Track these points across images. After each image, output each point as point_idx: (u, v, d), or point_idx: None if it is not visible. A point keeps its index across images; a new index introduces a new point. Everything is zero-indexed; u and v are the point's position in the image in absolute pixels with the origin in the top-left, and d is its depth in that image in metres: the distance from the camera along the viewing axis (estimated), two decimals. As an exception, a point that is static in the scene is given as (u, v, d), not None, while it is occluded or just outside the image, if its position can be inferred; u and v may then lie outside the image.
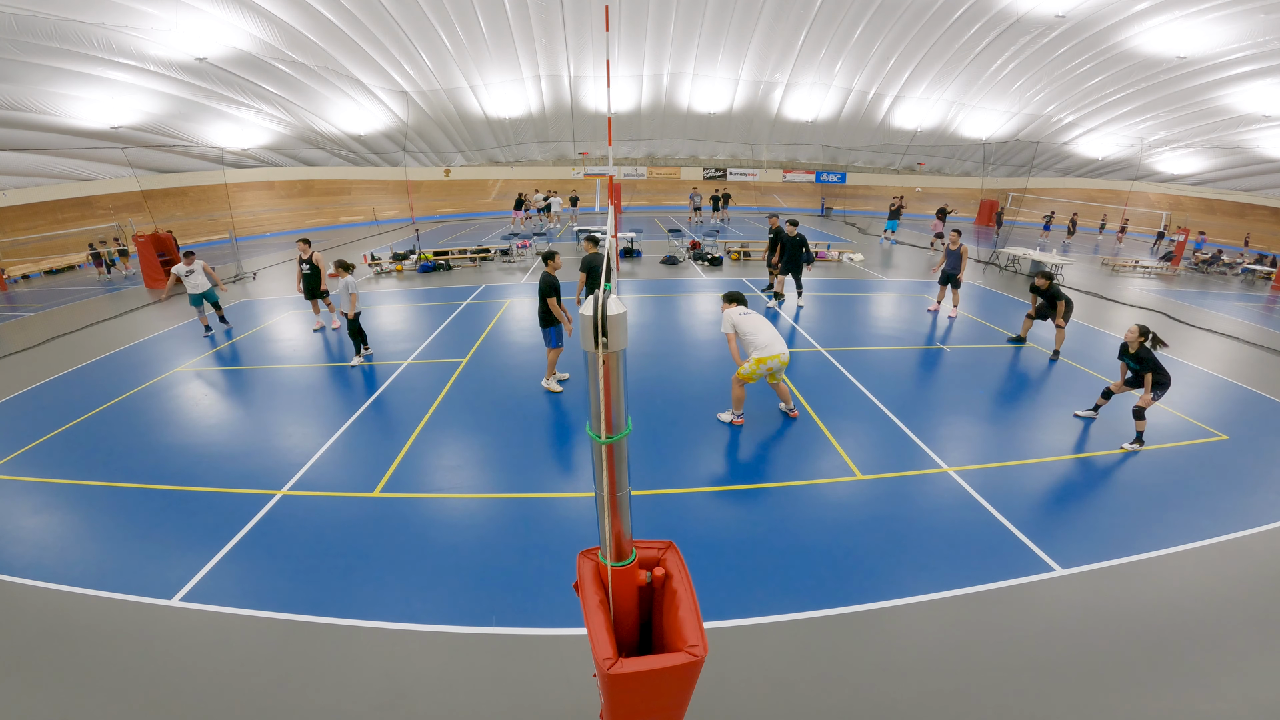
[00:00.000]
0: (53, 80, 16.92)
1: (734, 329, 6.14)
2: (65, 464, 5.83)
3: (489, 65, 23.51)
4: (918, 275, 14.80)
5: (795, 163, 34.03)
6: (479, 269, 15.65)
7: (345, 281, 8.13)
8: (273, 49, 19.67)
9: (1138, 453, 5.87)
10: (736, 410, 6.34)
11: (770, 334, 6.03)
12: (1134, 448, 5.90)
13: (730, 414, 6.41)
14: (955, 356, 8.67)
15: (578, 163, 31.60)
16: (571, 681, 3.29)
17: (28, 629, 3.74)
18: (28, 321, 12.17)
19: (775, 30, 22.64)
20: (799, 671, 3.36)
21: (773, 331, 6.07)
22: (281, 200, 28.35)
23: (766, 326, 6.09)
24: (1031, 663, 3.41)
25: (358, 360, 8.32)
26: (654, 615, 2.23)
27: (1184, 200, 29.76)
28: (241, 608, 3.86)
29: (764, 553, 4.33)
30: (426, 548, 4.45)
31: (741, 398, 6.29)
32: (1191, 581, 4.11)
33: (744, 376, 6.09)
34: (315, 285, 9.76)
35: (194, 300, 9.69)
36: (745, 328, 6.08)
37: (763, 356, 5.93)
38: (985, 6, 20.52)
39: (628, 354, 4.86)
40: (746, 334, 6.05)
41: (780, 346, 5.98)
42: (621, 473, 1.82)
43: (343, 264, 8.32)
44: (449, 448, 6.00)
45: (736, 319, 6.13)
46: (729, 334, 6.16)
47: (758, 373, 6.01)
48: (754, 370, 6.01)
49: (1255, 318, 12.17)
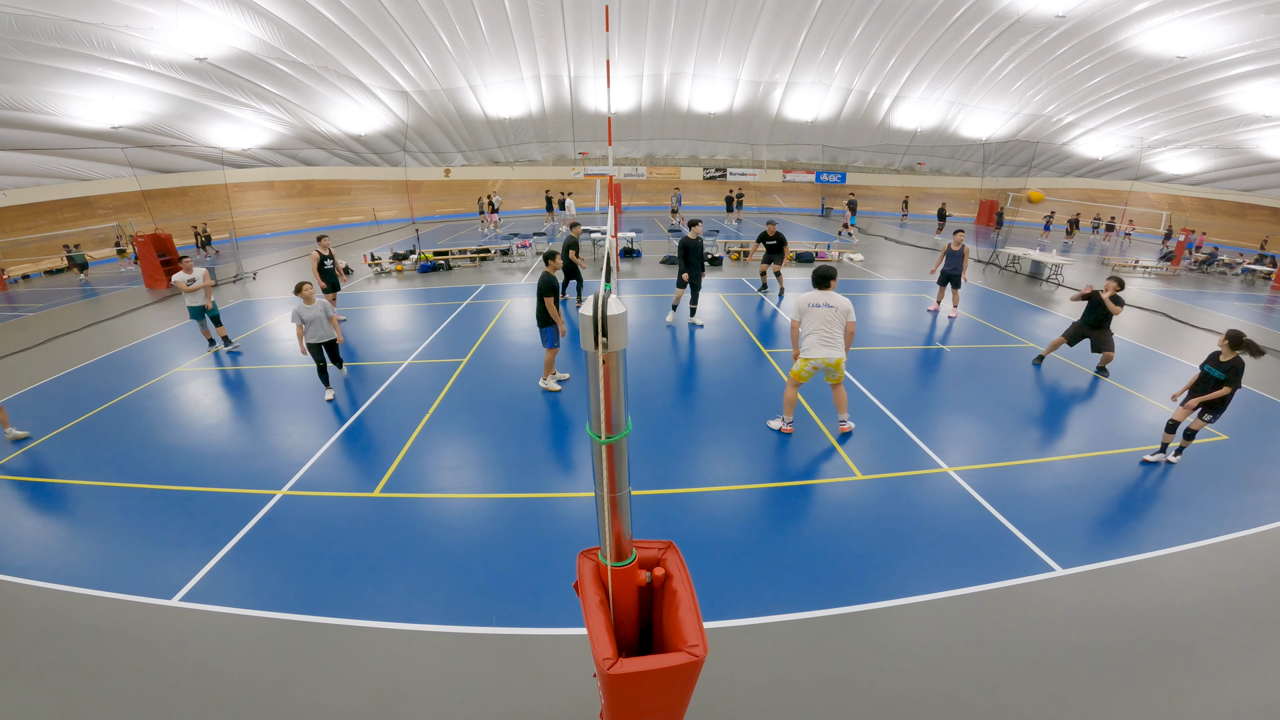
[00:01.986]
0: (53, 80, 16.93)
1: (799, 316, 5.62)
2: (65, 464, 5.83)
3: (489, 65, 23.51)
4: (918, 275, 14.80)
5: (795, 163, 34.03)
6: (479, 269, 15.65)
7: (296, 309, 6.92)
8: (273, 49, 19.67)
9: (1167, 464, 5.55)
10: (786, 416, 5.94)
11: (819, 332, 5.52)
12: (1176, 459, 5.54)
13: (779, 421, 6.02)
14: (955, 356, 8.67)
15: (578, 163, 31.60)
16: (571, 681, 3.29)
17: (28, 629, 3.74)
18: (28, 321, 12.18)
19: (775, 30, 22.65)
20: (799, 671, 3.36)
21: (826, 329, 5.51)
22: (281, 200, 28.36)
23: (823, 321, 5.52)
24: (1031, 663, 3.41)
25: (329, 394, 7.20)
26: (654, 615, 2.23)
27: (1184, 200, 29.76)
28: (241, 608, 3.86)
29: (764, 553, 4.33)
30: (427, 548, 4.45)
31: (792, 400, 5.89)
32: (1191, 581, 4.11)
33: (792, 374, 5.77)
34: (335, 280, 10.20)
35: (194, 313, 8.97)
36: (805, 318, 5.56)
37: (807, 356, 5.59)
38: (985, 7, 20.52)
39: (628, 354, 4.85)
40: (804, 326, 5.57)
41: (822, 350, 5.51)
42: (621, 473, 1.82)
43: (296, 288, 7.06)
44: (449, 448, 6.00)
45: (804, 306, 5.58)
46: (793, 321, 5.68)
47: (804, 371, 5.66)
48: (800, 369, 5.68)
49: (1255, 318, 12.17)
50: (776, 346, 8.89)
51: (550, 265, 6.89)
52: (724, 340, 9.28)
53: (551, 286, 6.69)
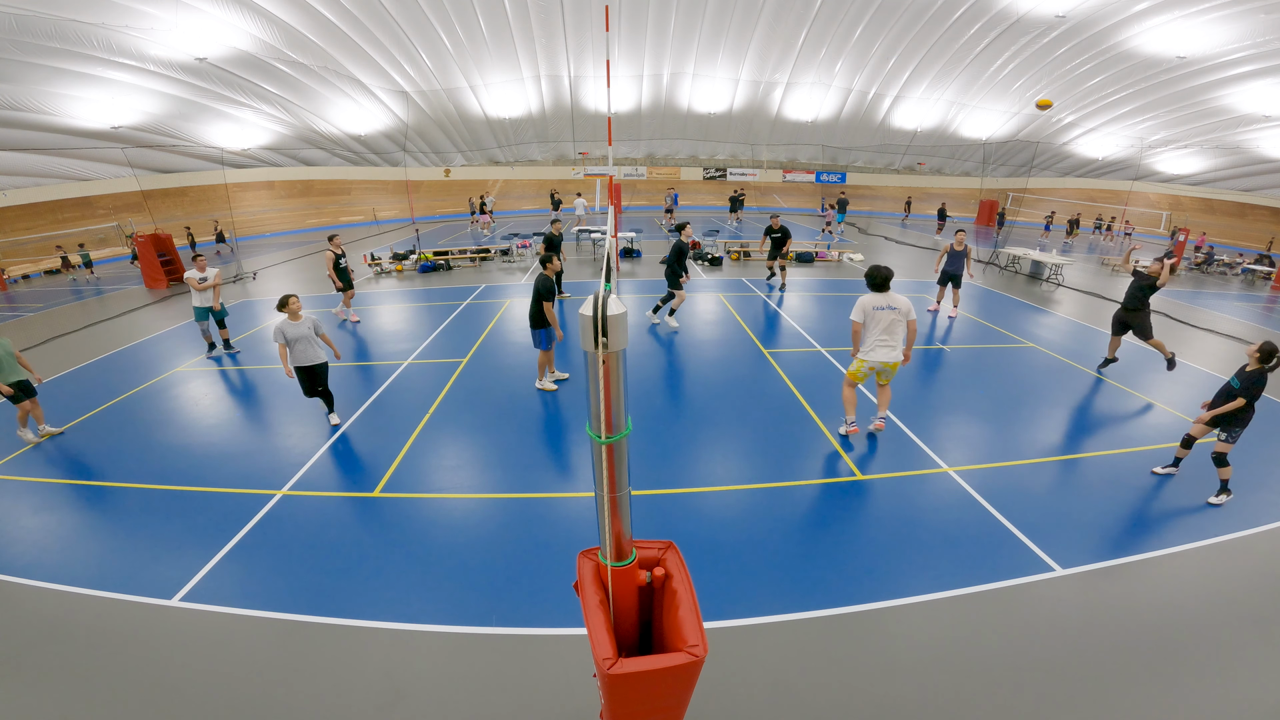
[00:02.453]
0: (53, 80, 16.92)
1: (862, 319, 5.50)
2: (65, 464, 5.83)
3: (489, 65, 23.50)
4: (917, 275, 14.80)
5: (795, 163, 34.01)
6: (479, 269, 15.65)
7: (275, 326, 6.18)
8: (273, 49, 19.66)
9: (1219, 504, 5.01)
10: (848, 416, 5.86)
11: (881, 336, 5.45)
12: (1222, 499, 5.01)
13: (844, 424, 5.95)
14: (955, 357, 8.67)
15: (578, 163, 31.59)
16: (571, 681, 3.29)
17: (28, 629, 3.74)
18: (28, 321, 12.17)
19: (775, 30, 22.64)
20: (799, 671, 3.36)
21: (889, 334, 5.46)
22: (281, 200, 28.36)
23: (887, 325, 5.45)
24: (1031, 662, 3.41)
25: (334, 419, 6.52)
26: (654, 615, 2.23)
27: (1184, 200, 29.74)
28: (241, 608, 3.86)
29: (764, 553, 4.33)
30: (426, 548, 4.45)
31: (851, 399, 5.83)
32: (1191, 581, 4.11)
33: (849, 374, 5.72)
34: (349, 279, 10.39)
35: (199, 314, 8.65)
36: (869, 321, 5.48)
37: (865, 358, 5.54)
38: (985, 6, 20.51)
39: (628, 354, 4.86)
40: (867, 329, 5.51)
41: (882, 353, 5.47)
42: (621, 473, 1.82)
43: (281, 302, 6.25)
44: (449, 448, 6.00)
45: (868, 308, 5.47)
46: (856, 322, 5.53)
47: (862, 371, 5.62)
48: (857, 369, 5.63)
49: (1255, 318, 12.16)
50: (777, 346, 8.89)
51: (549, 268, 6.89)
52: (724, 340, 9.28)
53: (549, 289, 6.67)
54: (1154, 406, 7.02)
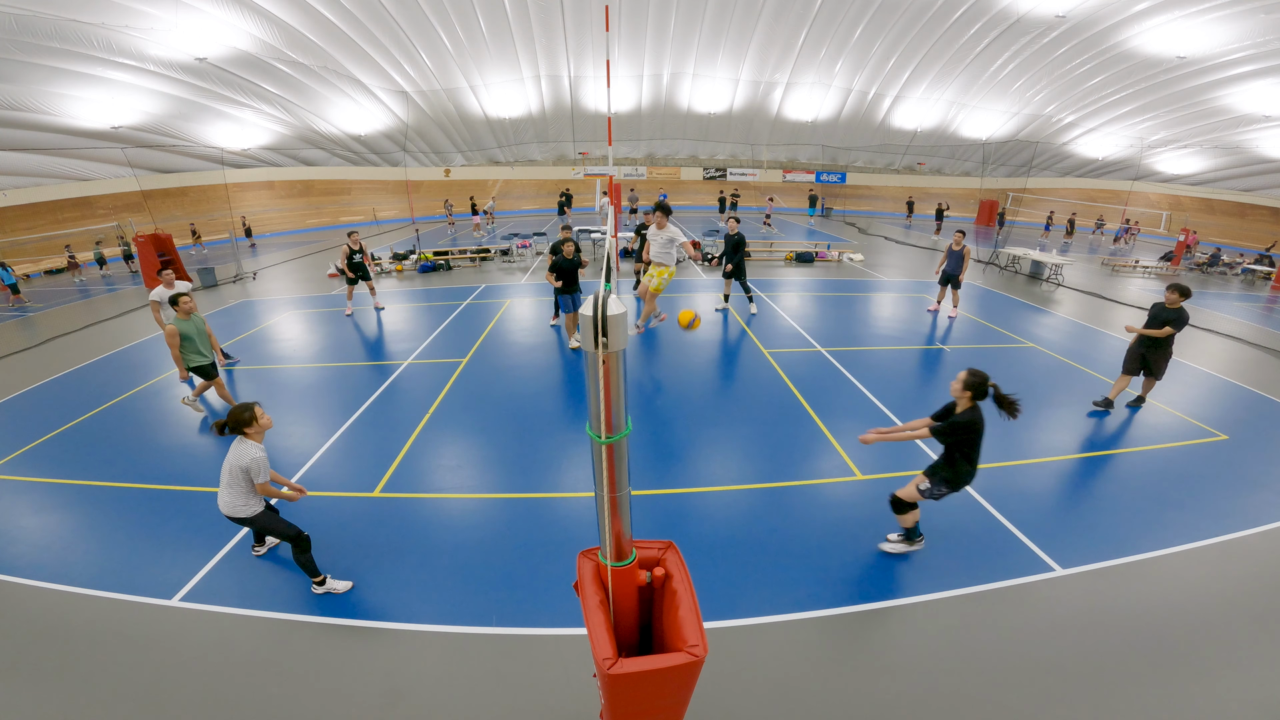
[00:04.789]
0: (53, 80, 16.91)
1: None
2: (65, 464, 5.83)
3: (489, 65, 23.49)
4: (917, 275, 14.80)
5: (795, 163, 34.00)
6: (479, 269, 15.65)
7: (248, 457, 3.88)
8: (273, 49, 19.65)
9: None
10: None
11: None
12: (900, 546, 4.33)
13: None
14: (955, 357, 8.67)
15: (578, 163, 31.58)
16: (571, 681, 3.29)
17: (28, 629, 3.74)
18: (28, 321, 12.17)
19: (775, 30, 22.63)
20: (799, 671, 3.36)
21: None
22: (281, 200, 28.35)
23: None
24: (1032, 662, 3.41)
25: (334, 585, 4.05)
26: (654, 615, 2.23)
27: (1184, 200, 29.73)
28: (241, 608, 3.86)
29: (764, 553, 4.33)
30: (426, 548, 4.45)
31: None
32: (1191, 581, 4.11)
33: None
34: (363, 270, 10.73)
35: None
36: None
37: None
38: (985, 7, 20.50)
39: (627, 354, 4.84)
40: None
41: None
42: (621, 473, 1.82)
43: (238, 418, 3.85)
44: (449, 448, 6.00)
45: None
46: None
47: None
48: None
49: (1255, 318, 12.16)
50: (777, 346, 8.88)
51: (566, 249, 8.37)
52: (724, 340, 9.28)
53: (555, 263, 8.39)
54: (1154, 407, 7.02)
